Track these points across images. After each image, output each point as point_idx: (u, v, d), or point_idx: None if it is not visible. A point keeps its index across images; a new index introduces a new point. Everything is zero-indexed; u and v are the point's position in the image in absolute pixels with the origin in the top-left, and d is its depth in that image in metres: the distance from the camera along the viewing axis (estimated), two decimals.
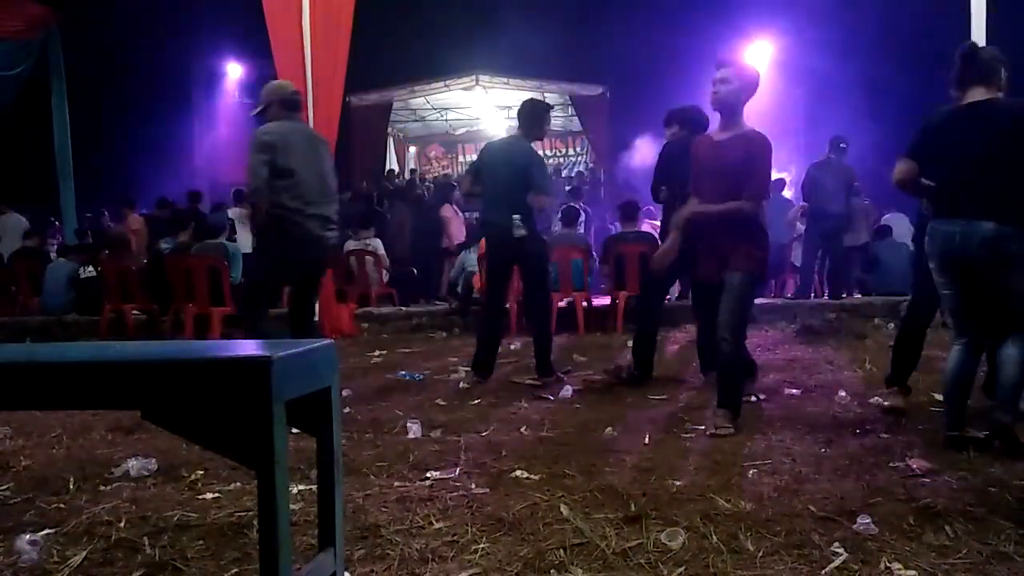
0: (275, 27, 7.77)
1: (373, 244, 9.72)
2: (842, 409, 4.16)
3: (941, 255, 3.27)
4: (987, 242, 3.11)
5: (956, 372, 3.33)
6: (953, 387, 3.34)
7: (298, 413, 1.63)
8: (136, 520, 2.62)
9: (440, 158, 20.24)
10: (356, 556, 2.26)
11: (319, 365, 1.68)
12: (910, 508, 2.55)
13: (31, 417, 4.27)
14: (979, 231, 3.13)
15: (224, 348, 1.71)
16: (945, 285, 3.33)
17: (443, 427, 3.93)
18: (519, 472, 3.06)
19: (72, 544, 2.42)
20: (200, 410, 1.42)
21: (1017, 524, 2.37)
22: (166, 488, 3.00)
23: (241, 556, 2.29)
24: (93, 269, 9.23)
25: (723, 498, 2.68)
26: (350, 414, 4.25)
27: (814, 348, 6.63)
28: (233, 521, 2.58)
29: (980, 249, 3.13)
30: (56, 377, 1.46)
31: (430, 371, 5.80)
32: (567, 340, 7.39)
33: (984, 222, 3.12)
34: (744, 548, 2.25)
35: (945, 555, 2.17)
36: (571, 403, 4.54)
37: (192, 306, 7.76)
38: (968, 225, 3.15)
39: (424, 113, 18.66)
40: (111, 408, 1.57)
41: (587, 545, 2.30)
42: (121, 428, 4.02)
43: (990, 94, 3.25)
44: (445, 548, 2.31)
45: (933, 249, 3.29)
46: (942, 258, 3.27)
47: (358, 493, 2.83)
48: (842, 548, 2.22)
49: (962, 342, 3.34)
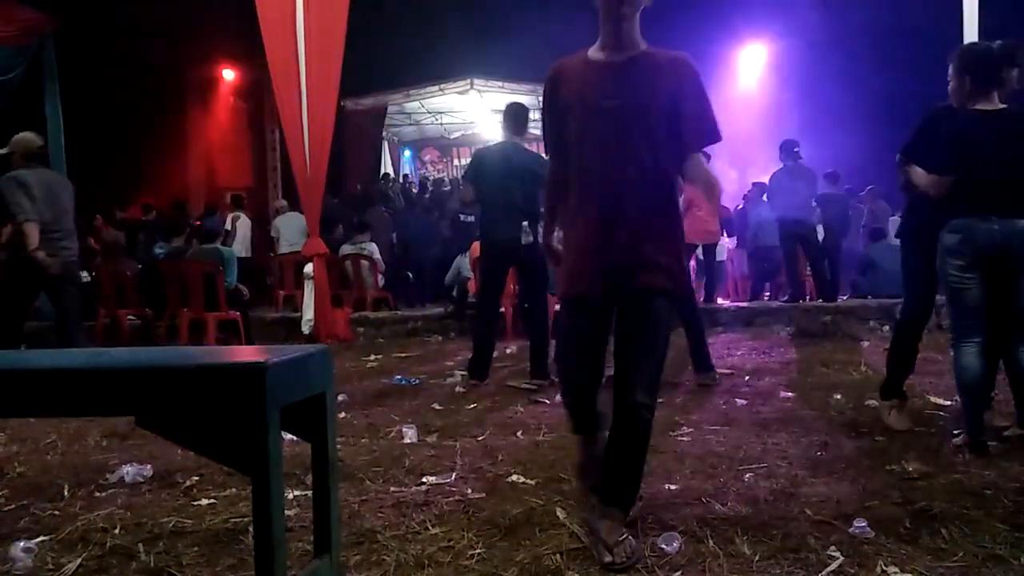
0: (269, 32, 7.77)
1: (368, 248, 9.72)
2: (838, 412, 4.17)
3: (978, 251, 3.31)
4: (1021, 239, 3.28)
5: (975, 375, 3.33)
6: (974, 390, 3.35)
7: (293, 418, 1.63)
8: (131, 527, 2.61)
9: (435, 162, 20.26)
10: (352, 562, 2.25)
11: (314, 370, 1.68)
12: (906, 511, 2.55)
13: (25, 424, 4.26)
14: (1018, 227, 3.28)
15: (219, 354, 1.71)
16: (972, 282, 3.34)
17: (439, 431, 3.93)
18: (515, 476, 3.06)
19: (67, 551, 2.41)
20: (195, 416, 1.42)
21: (1013, 527, 2.38)
22: (161, 494, 2.99)
23: (236, 562, 2.28)
24: (87, 274, 9.20)
25: (719, 502, 2.69)
26: (345, 419, 4.24)
27: (809, 351, 6.64)
28: (228, 527, 2.57)
29: (1016, 246, 3.28)
30: (51, 384, 1.46)
31: (426, 375, 5.79)
32: None
33: (1018, 220, 3.29)
34: (740, 552, 2.25)
35: (941, 558, 2.18)
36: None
37: (187, 311, 7.74)
38: (1007, 223, 3.28)
39: (419, 117, 18.67)
40: (106, 414, 1.57)
41: (583, 550, 2.30)
42: (116, 434, 4.00)
43: (1001, 101, 3.42)
44: (441, 553, 2.30)
45: (967, 247, 3.32)
46: (978, 254, 3.32)
47: (354, 498, 2.83)
48: (838, 551, 2.22)
49: (975, 342, 3.34)
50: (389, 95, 16.24)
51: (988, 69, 3.41)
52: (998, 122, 3.37)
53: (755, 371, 5.63)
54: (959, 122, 3.40)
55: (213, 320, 7.60)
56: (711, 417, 4.10)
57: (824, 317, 8.25)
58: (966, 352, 3.34)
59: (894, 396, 3.84)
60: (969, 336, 3.35)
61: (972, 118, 3.39)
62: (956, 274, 3.34)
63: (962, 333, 3.37)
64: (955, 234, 3.34)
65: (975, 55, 3.47)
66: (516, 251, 5.09)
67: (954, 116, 3.44)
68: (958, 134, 3.37)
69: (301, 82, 7.69)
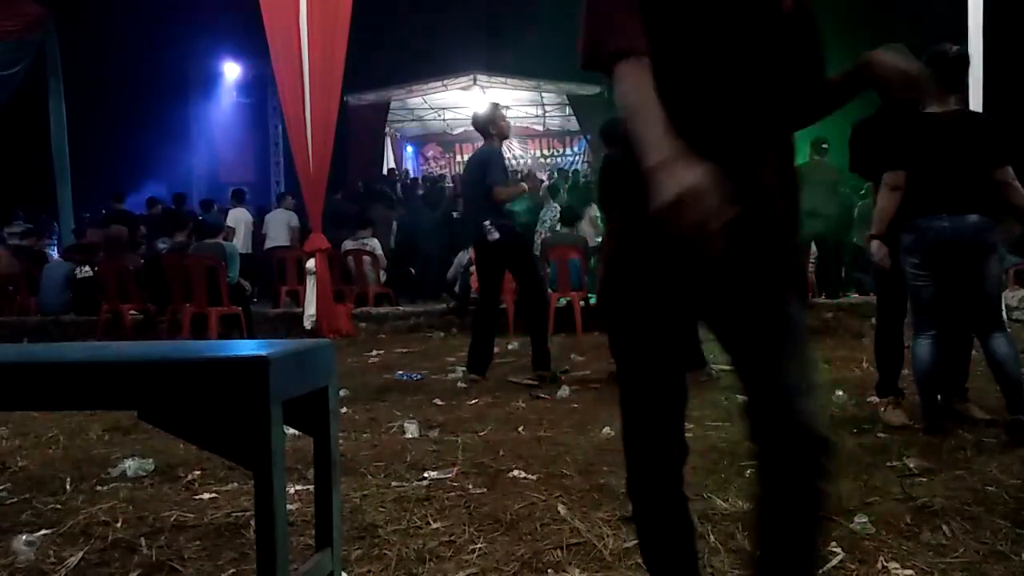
0: (272, 26, 7.76)
1: (371, 244, 9.71)
2: (839, 409, 4.17)
3: (930, 249, 3.47)
4: (972, 232, 3.42)
5: (928, 365, 3.55)
6: (926, 379, 3.57)
7: (295, 413, 1.63)
8: (133, 520, 2.61)
9: (438, 158, 20.24)
10: (353, 556, 2.26)
11: (316, 365, 1.68)
12: (907, 507, 2.55)
13: (28, 417, 4.27)
14: (968, 222, 3.42)
15: (221, 348, 1.71)
16: (926, 278, 3.52)
17: (440, 427, 3.93)
18: (516, 472, 3.06)
19: (69, 544, 2.41)
20: (197, 410, 1.42)
21: (1014, 523, 2.38)
22: (163, 488, 3.00)
23: (238, 556, 2.29)
24: (90, 269, 9.21)
25: (720, 497, 2.69)
26: (347, 414, 4.25)
27: (811, 347, 6.63)
28: (230, 521, 2.58)
29: (968, 239, 3.42)
30: (53, 377, 1.46)
31: (427, 371, 5.80)
32: (565, 340, 7.39)
33: (968, 216, 3.42)
34: (742, 547, 2.25)
35: (942, 554, 2.18)
36: (568, 403, 4.54)
37: (189, 306, 7.75)
38: (957, 219, 3.43)
39: (422, 113, 18.64)
40: (108, 408, 1.57)
41: (584, 545, 2.30)
42: (118, 428, 4.01)
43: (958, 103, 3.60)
44: (442, 548, 2.31)
45: (919, 245, 3.49)
46: (931, 252, 3.47)
47: (355, 493, 2.83)
48: (839, 547, 2.22)
49: (930, 335, 3.55)
50: (392, 90, 16.22)
51: (951, 71, 3.53)
52: (952, 124, 3.50)
53: None
54: (913, 125, 3.54)
55: (215, 315, 7.61)
56: (712, 413, 4.10)
57: (826, 314, 8.24)
58: (921, 344, 3.57)
59: (889, 393, 3.90)
60: (925, 330, 3.57)
61: (925, 120, 3.54)
62: (912, 271, 3.54)
63: (919, 327, 3.60)
64: (910, 233, 3.52)
65: (937, 54, 3.52)
66: (490, 248, 5.22)
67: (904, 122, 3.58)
68: (910, 136, 3.54)
69: (304, 77, 7.68)
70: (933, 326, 3.55)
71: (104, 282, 8.73)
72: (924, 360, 3.55)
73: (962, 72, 3.63)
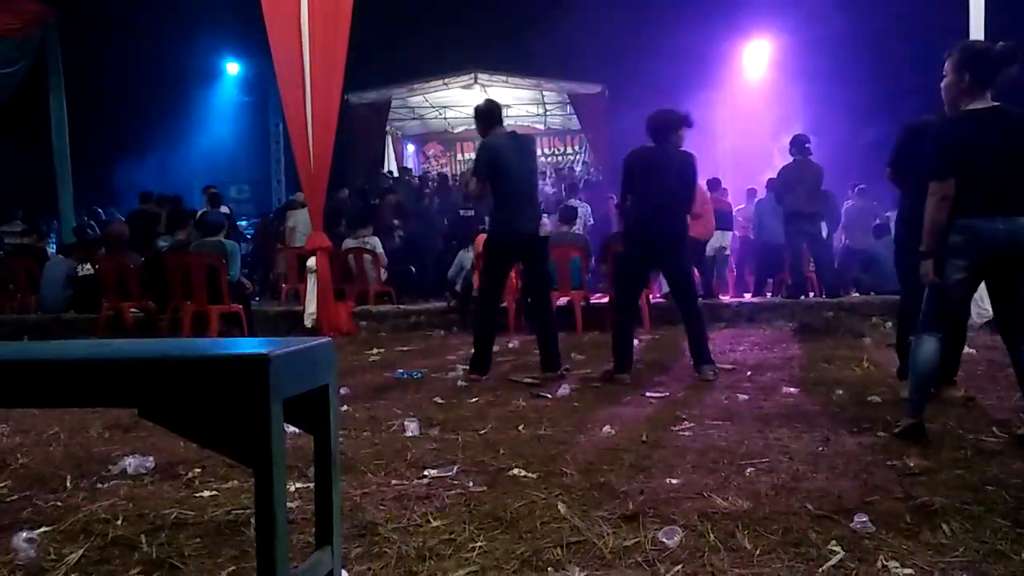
0: (274, 25, 7.76)
1: (371, 242, 9.71)
2: (840, 408, 4.17)
3: (983, 251, 3.36)
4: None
5: (933, 365, 3.49)
6: (924, 379, 3.52)
7: (296, 411, 1.63)
8: (133, 518, 2.61)
9: (439, 156, 20.24)
10: (353, 554, 2.26)
11: (317, 363, 1.68)
12: (907, 506, 2.55)
13: (28, 414, 4.27)
14: (1019, 225, 3.32)
15: (222, 346, 1.71)
16: (967, 282, 3.43)
17: (441, 425, 3.93)
18: (517, 470, 3.06)
19: (69, 542, 2.41)
20: (198, 408, 1.42)
21: (1014, 522, 2.38)
22: (163, 486, 3.00)
23: (238, 554, 2.29)
24: (91, 267, 9.22)
25: (720, 496, 2.68)
26: (348, 412, 4.25)
27: (812, 346, 6.64)
28: (230, 519, 2.58)
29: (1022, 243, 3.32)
30: (54, 375, 1.46)
31: (428, 369, 5.80)
32: (565, 339, 7.37)
33: (1021, 218, 3.33)
34: (741, 546, 2.25)
35: (942, 553, 2.18)
36: (569, 401, 4.54)
37: (190, 304, 7.76)
38: (1012, 221, 3.33)
39: (423, 111, 18.66)
40: (109, 406, 1.57)
41: (584, 543, 2.30)
42: (119, 426, 4.01)
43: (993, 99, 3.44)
44: (442, 546, 2.31)
45: (971, 247, 3.37)
46: (984, 255, 3.37)
47: (356, 491, 2.83)
48: (839, 546, 2.22)
49: (939, 336, 3.47)
50: (393, 89, 16.23)
51: (988, 67, 3.42)
52: (994, 121, 3.39)
53: (757, 366, 5.63)
54: (955, 125, 3.44)
55: (216, 313, 7.61)
56: (713, 412, 4.10)
57: (827, 313, 8.25)
58: (928, 343, 3.47)
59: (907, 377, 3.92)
60: (935, 330, 3.48)
61: (966, 119, 3.43)
62: (955, 276, 3.41)
63: (929, 325, 3.49)
64: (960, 235, 3.38)
65: (977, 52, 3.47)
66: (534, 244, 5.24)
67: (945, 122, 3.49)
68: (954, 137, 3.41)
69: (305, 76, 7.69)
70: (944, 328, 3.48)
71: (105, 280, 8.74)
72: (930, 360, 3.48)
73: (993, 66, 3.44)
